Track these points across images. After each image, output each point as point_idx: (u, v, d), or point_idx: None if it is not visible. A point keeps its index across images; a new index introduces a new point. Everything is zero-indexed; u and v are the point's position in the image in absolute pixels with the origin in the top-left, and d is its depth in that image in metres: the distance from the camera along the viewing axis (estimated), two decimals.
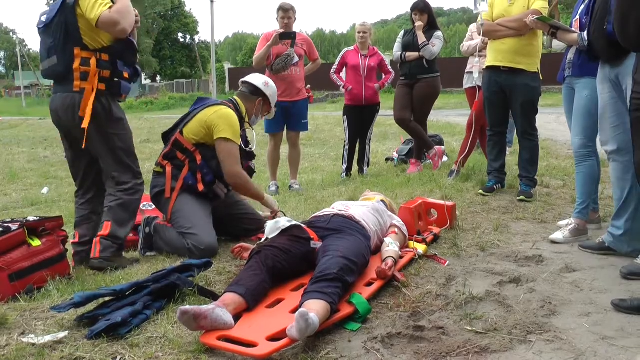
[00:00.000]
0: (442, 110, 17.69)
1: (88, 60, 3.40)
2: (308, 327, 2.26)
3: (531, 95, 4.83)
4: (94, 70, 3.40)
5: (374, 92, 6.79)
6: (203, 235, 3.59)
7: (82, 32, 3.38)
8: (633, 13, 2.68)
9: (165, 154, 3.89)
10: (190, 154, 3.81)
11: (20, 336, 2.41)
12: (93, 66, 3.40)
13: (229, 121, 3.79)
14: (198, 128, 3.81)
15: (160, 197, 3.85)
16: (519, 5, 4.68)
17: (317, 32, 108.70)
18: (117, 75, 3.50)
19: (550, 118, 12.98)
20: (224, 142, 3.75)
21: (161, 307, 2.68)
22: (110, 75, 3.47)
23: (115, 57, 3.47)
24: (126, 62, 3.55)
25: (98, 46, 3.42)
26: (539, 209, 4.61)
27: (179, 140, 3.84)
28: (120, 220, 3.53)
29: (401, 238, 3.45)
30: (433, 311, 2.72)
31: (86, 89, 3.41)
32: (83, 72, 3.41)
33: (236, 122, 3.83)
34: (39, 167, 11.27)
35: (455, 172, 5.76)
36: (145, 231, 3.83)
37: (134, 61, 3.62)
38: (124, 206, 3.55)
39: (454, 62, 25.75)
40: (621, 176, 3.46)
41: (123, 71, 3.52)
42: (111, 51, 3.45)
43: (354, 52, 6.90)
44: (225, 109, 3.85)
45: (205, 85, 42.98)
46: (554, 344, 2.38)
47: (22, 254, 3.11)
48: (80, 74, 3.41)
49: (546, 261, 3.44)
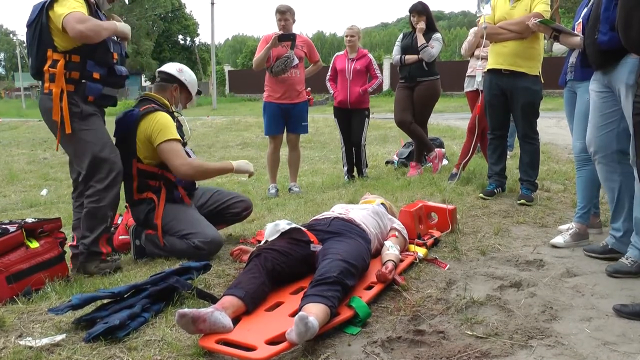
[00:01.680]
0: (443, 114, 17.72)
1: (57, 62, 3.42)
2: (307, 330, 2.24)
3: (532, 99, 4.81)
4: (61, 71, 3.41)
5: (359, 96, 6.68)
6: (205, 230, 3.62)
7: (53, 33, 3.41)
8: (636, 15, 2.67)
9: (138, 188, 3.80)
10: (160, 177, 3.78)
11: (18, 339, 2.40)
12: (60, 67, 3.41)
13: (160, 124, 3.69)
14: (149, 149, 3.73)
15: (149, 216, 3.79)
16: (521, 8, 4.68)
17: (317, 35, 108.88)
18: (85, 77, 3.48)
19: (550, 122, 12.99)
20: (164, 144, 3.67)
21: (160, 310, 2.67)
22: (79, 76, 3.46)
23: (85, 57, 3.46)
24: (98, 62, 3.52)
25: (69, 47, 3.43)
26: (539, 213, 4.60)
27: (143, 170, 3.77)
28: (88, 227, 3.54)
29: (401, 241, 3.44)
30: (433, 315, 2.70)
31: (53, 91, 3.42)
32: (52, 74, 3.43)
33: (166, 120, 3.73)
34: (38, 169, 11.27)
35: (456, 176, 5.75)
36: (135, 243, 3.83)
37: (108, 61, 3.58)
38: (89, 214, 3.54)
39: (454, 65, 25.84)
40: (608, 177, 3.48)
41: (93, 72, 3.50)
42: (82, 52, 3.45)
43: (342, 56, 6.89)
44: (151, 115, 3.72)
45: (205, 88, 42.96)
46: (555, 349, 2.37)
47: (20, 255, 3.10)
48: (49, 76, 3.45)
49: (547, 265, 3.42)
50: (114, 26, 3.57)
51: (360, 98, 6.69)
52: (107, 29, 3.47)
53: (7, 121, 25.73)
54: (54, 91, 3.42)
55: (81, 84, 3.48)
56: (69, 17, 3.29)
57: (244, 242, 3.99)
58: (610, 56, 3.19)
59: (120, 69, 3.70)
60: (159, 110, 3.77)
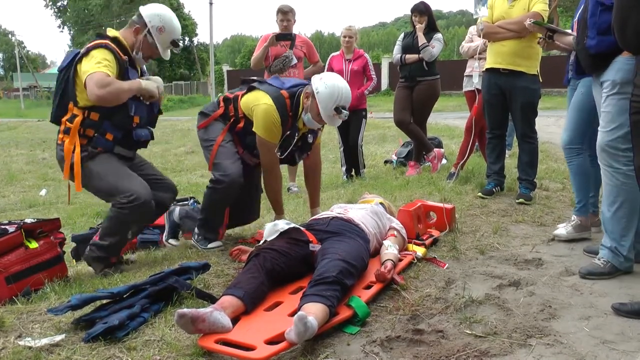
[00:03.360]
0: (441, 113, 17.69)
1: (75, 117, 3.39)
2: (307, 330, 2.25)
3: (531, 98, 4.82)
4: (76, 127, 3.39)
5: (357, 97, 6.62)
6: None
7: (77, 87, 3.37)
8: (632, 16, 2.68)
9: None
10: None
11: (17, 339, 2.40)
12: (76, 124, 3.39)
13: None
14: None
15: None
16: (519, 7, 4.68)
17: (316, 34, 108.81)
18: (99, 134, 3.44)
19: (549, 121, 12.97)
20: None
21: (159, 310, 2.67)
22: (93, 134, 3.43)
23: (104, 117, 3.41)
24: (115, 124, 3.46)
25: (89, 104, 3.37)
26: (538, 211, 4.60)
27: None
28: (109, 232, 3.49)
29: (400, 241, 3.44)
30: (432, 314, 2.71)
31: (65, 146, 3.40)
32: (67, 127, 3.41)
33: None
34: (37, 169, 11.27)
35: (455, 175, 5.76)
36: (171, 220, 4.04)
37: (125, 125, 3.50)
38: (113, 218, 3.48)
39: (453, 64, 25.79)
40: None
41: (107, 132, 3.44)
42: (101, 111, 3.40)
43: (338, 57, 6.87)
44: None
45: (204, 87, 42.99)
46: (554, 347, 2.37)
47: (19, 256, 3.10)
48: (65, 128, 3.43)
49: (546, 264, 3.43)
50: (137, 85, 3.45)
51: (358, 99, 6.69)
52: (129, 91, 3.39)
53: (5, 121, 25.75)
54: (66, 147, 3.39)
55: (93, 137, 3.44)
56: (90, 79, 3.23)
57: (242, 242, 3.99)
58: (599, 60, 3.21)
59: (140, 133, 3.61)
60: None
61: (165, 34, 3.61)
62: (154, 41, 3.59)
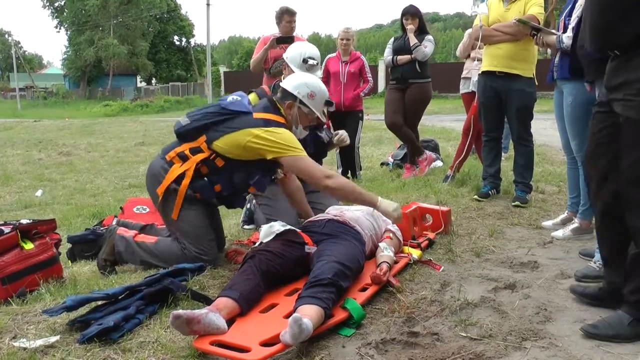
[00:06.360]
0: (438, 115, 17.71)
1: (199, 152, 3.30)
2: (302, 332, 2.25)
3: (527, 101, 4.83)
4: (195, 161, 3.29)
5: (354, 99, 6.66)
6: None
7: (227, 139, 3.25)
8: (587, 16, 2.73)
9: None
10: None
11: (12, 340, 2.40)
12: (196, 158, 3.30)
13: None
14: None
15: None
16: (515, 10, 4.69)
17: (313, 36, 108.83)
18: (211, 182, 3.36)
19: (545, 124, 12.98)
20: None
21: (154, 312, 2.67)
22: (206, 173, 3.34)
23: (226, 170, 3.34)
24: (231, 181, 3.38)
25: (227, 154, 3.29)
26: (534, 214, 4.61)
27: None
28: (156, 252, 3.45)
29: (396, 243, 3.45)
30: (428, 317, 2.71)
31: (174, 167, 3.32)
32: (185, 155, 3.32)
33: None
34: (33, 170, 11.24)
35: (451, 177, 5.77)
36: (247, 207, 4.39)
37: (237, 188, 3.43)
38: (168, 246, 3.43)
39: (449, 67, 25.84)
40: None
41: (217, 183, 3.36)
42: (230, 165, 3.32)
43: (335, 59, 6.83)
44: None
45: (201, 89, 42.94)
46: (549, 350, 2.37)
47: (14, 257, 3.09)
48: (182, 153, 3.34)
49: (541, 267, 3.44)
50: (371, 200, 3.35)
51: (354, 101, 6.70)
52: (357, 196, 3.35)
53: (1, 122, 25.66)
54: (174, 168, 3.32)
55: (202, 178, 3.35)
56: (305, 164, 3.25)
57: (238, 243, 3.98)
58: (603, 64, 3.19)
59: (242, 201, 3.63)
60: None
61: (317, 97, 3.50)
62: (310, 110, 3.47)
